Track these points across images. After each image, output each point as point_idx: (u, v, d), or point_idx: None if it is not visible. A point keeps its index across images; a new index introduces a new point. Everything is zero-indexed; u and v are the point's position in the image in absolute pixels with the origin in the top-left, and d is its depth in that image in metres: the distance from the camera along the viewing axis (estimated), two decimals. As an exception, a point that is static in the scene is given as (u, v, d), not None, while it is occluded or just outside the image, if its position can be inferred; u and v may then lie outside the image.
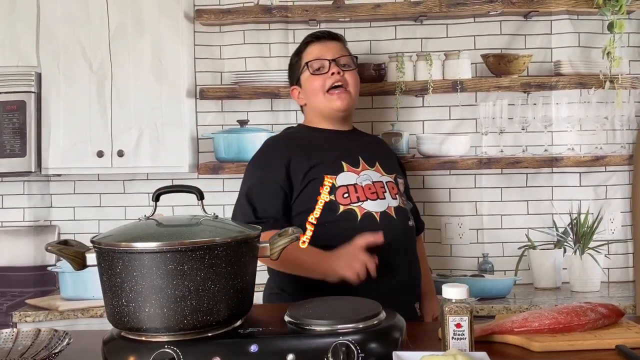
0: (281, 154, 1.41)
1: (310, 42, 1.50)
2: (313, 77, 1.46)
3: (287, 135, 1.53)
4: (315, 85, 1.45)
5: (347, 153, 1.42)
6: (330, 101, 1.45)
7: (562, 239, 1.73)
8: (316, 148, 1.42)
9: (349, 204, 1.35)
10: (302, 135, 1.49)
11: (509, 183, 1.74)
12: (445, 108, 1.75)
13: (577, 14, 1.71)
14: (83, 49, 1.75)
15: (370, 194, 1.37)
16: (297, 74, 1.51)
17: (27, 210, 1.76)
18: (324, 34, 1.51)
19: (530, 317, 1.07)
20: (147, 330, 0.90)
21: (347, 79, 1.46)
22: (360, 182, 1.38)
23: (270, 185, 1.38)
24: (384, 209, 1.37)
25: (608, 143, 1.72)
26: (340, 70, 1.45)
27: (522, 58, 1.72)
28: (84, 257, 0.94)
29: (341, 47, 1.51)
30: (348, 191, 1.36)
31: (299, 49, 1.53)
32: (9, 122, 1.75)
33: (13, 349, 1.05)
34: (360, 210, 1.35)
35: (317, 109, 1.49)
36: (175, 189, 1.04)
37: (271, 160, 1.41)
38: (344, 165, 1.40)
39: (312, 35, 1.51)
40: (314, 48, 1.48)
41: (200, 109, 1.76)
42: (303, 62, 1.49)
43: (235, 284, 0.92)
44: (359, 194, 1.36)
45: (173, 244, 0.88)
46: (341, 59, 1.47)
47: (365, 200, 1.36)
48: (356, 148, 1.45)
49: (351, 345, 0.88)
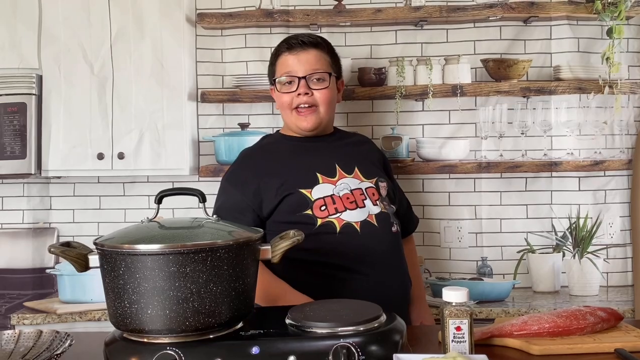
0: (252, 174, 1.37)
1: (283, 52, 1.41)
2: (282, 94, 1.40)
3: (260, 148, 1.48)
4: (283, 101, 1.40)
5: (322, 163, 1.37)
6: (297, 120, 1.40)
7: (561, 243, 1.74)
8: (289, 161, 1.38)
9: (327, 216, 1.30)
10: (277, 146, 1.46)
11: (508, 187, 1.75)
12: (445, 112, 1.76)
13: (577, 20, 1.72)
14: (84, 51, 1.76)
15: (349, 204, 1.32)
16: (271, 78, 1.46)
17: (26, 212, 1.76)
18: (297, 43, 1.40)
19: (530, 320, 1.08)
20: (149, 332, 0.90)
21: (316, 99, 1.38)
22: (337, 192, 1.34)
23: (239, 204, 1.34)
24: (364, 218, 1.33)
25: (607, 148, 1.73)
26: (308, 90, 1.37)
27: (522, 63, 1.73)
28: (86, 259, 0.94)
29: (317, 57, 1.40)
30: (325, 203, 1.32)
31: (274, 53, 1.46)
32: (9, 123, 1.75)
33: (15, 350, 1.04)
34: (339, 222, 1.31)
35: (286, 123, 1.47)
36: (177, 191, 1.04)
37: (241, 180, 1.38)
38: (319, 177, 1.35)
39: (287, 43, 1.41)
40: (286, 59, 1.40)
41: (202, 112, 1.76)
42: (277, 72, 1.42)
43: (237, 286, 0.92)
44: (337, 205, 1.32)
45: (175, 246, 0.88)
46: (313, 75, 1.38)
47: (344, 211, 1.31)
48: (333, 155, 1.40)
49: (352, 347, 0.88)
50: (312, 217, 1.31)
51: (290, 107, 1.40)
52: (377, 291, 1.27)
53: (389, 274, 1.35)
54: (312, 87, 1.38)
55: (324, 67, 1.41)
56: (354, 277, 1.30)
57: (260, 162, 1.40)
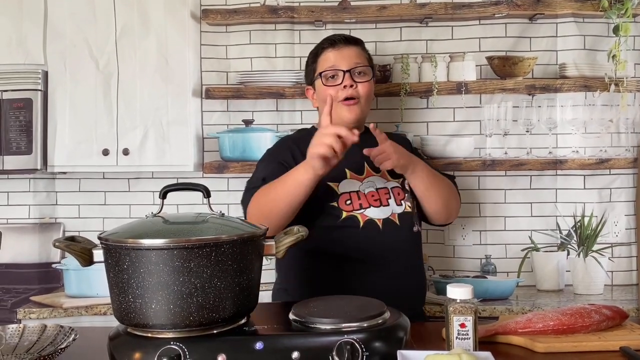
0: (288, 154, 1.41)
1: (326, 48, 1.45)
2: (326, 87, 1.43)
3: (295, 137, 1.53)
4: (327, 94, 1.40)
5: (351, 160, 1.38)
6: (341, 111, 1.42)
7: (565, 242, 1.73)
8: None
9: (352, 211, 1.34)
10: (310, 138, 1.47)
11: (512, 185, 1.74)
12: (450, 110, 1.75)
13: (583, 17, 1.71)
14: (90, 47, 1.76)
15: (374, 201, 1.36)
16: (312, 76, 1.49)
17: (32, 207, 1.77)
18: (340, 39, 1.46)
19: (535, 318, 1.07)
20: (153, 327, 0.90)
21: (359, 91, 1.42)
22: (363, 189, 1.38)
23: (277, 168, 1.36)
24: (387, 216, 1.36)
25: (613, 146, 1.73)
26: (353, 83, 1.41)
27: (527, 60, 1.73)
28: (91, 253, 0.95)
29: (358, 53, 1.46)
30: (350, 198, 1.36)
31: (315, 52, 1.49)
32: (15, 119, 1.76)
33: (19, 344, 1.05)
34: (362, 217, 1.34)
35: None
36: (182, 186, 1.04)
37: (280, 155, 1.42)
38: (347, 173, 1.39)
39: (328, 40, 1.47)
40: (329, 55, 1.44)
41: (206, 109, 1.76)
42: (318, 68, 1.46)
43: (241, 281, 0.93)
44: (362, 201, 1.36)
45: (180, 241, 0.88)
46: (356, 68, 1.43)
47: (368, 207, 1.35)
48: (362, 154, 1.40)
49: (356, 343, 0.88)
50: (337, 208, 1.34)
51: (334, 100, 1.41)
52: (393, 289, 1.28)
53: (407, 272, 1.37)
54: (356, 80, 1.42)
55: (364, 62, 1.46)
56: (372, 272, 1.32)
57: (294, 148, 1.42)
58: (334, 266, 1.33)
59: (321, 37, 1.73)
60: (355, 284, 1.31)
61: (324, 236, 1.30)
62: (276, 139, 1.75)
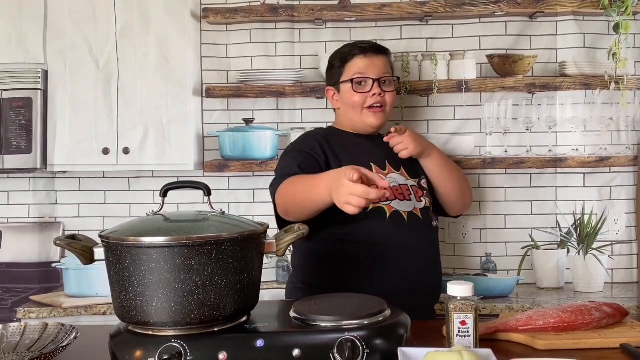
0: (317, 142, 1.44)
1: (357, 54, 1.48)
2: (354, 93, 1.47)
3: (319, 133, 1.55)
4: (356, 100, 1.47)
5: (374, 156, 1.46)
6: (367, 117, 1.47)
7: (565, 240, 1.73)
8: (345, 149, 1.46)
9: (378, 202, 1.38)
10: (334, 134, 1.52)
11: (513, 183, 1.74)
12: (450, 108, 1.75)
13: (583, 15, 1.71)
14: (90, 46, 1.76)
15: (398, 195, 1.40)
16: (337, 79, 1.51)
17: (32, 206, 1.77)
18: (372, 48, 1.50)
19: (535, 315, 1.07)
20: (154, 325, 0.90)
21: (386, 100, 1.48)
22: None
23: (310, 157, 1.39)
24: (410, 209, 1.41)
25: (613, 144, 1.73)
26: (382, 92, 1.46)
27: (527, 59, 1.73)
28: (92, 251, 0.95)
29: (386, 63, 1.50)
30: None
31: (344, 57, 1.50)
32: (15, 118, 1.76)
33: (20, 342, 1.05)
34: (389, 209, 1.38)
35: (351, 121, 1.51)
36: (183, 185, 1.04)
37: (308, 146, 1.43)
38: (373, 167, 1.43)
39: (359, 47, 1.50)
40: (360, 62, 1.47)
41: (206, 107, 1.76)
42: (346, 73, 1.48)
43: (242, 279, 0.93)
44: (388, 194, 1.38)
45: (181, 239, 0.88)
46: (385, 78, 1.48)
47: (394, 200, 1.39)
48: (382, 153, 1.48)
49: (356, 341, 0.88)
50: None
51: (361, 106, 1.47)
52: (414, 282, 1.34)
53: (426, 267, 1.42)
54: (383, 89, 1.47)
55: (391, 73, 1.52)
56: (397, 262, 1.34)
57: (321, 140, 1.46)
58: (358, 254, 1.35)
59: (321, 36, 1.75)
60: (375, 274, 1.33)
61: (351, 225, 1.32)
62: (277, 137, 1.76)
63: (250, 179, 1.76)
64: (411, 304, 1.07)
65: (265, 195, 1.74)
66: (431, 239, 1.46)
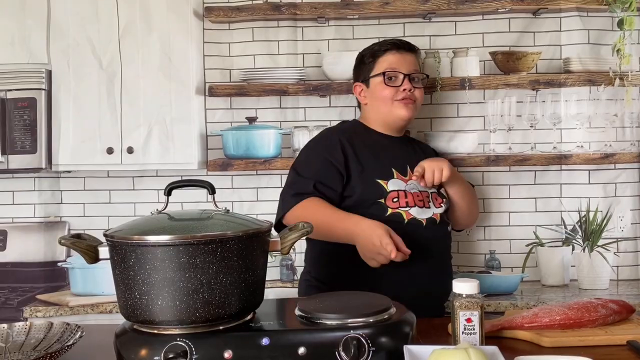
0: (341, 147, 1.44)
1: (389, 50, 1.51)
2: (385, 87, 1.49)
3: (344, 130, 1.55)
4: (386, 94, 1.49)
5: (397, 160, 1.47)
6: (397, 108, 1.49)
7: (570, 237, 1.73)
8: (368, 149, 1.47)
9: (397, 208, 1.40)
10: (358, 132, 1.53)
11: (517, 180, 1.74)
12: (454, 105, 1.75)
13: (587, 11, 1.71)
14: (93, 46, 1.77)
15: (418, 201, 1.42)
16: (367, 75, 1.53)
17: (37, 206, 1.78)
18: (404, 45, 1.53)
19: (541, 312, 1.07)
20: (159, 323, 0.90)
21: (416, 95, 1.50)
22: (409, 189, 1.43)
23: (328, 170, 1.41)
24: (429, 216, 1.43)
25: (617, 140, 1.72)
26: (412, 87, 1.49)
27: (531, 55, 1.72)
28: (96, 250, 0.95)
29: (416, 60, 1.54)
30: (398, 196, 1.41)
31: (375, 52, 1.53)
32: (19, 118, 1.76)
33: (26, 342, 1.06)
34: (407, 215, 1.40)
35: (380, 114, 1.53)
36: (187, 183, 1.04)
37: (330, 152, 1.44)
38: (394, 172, 1.44)
39: (392, 43, 1.53)
40: (392, 57, 1.50)
41: (209, 106, 1.76)
42: (377, 67, 1.51)
43: (247, 277, 0.93)
44: (408, 200, 1.41)
45: (185, 238, 0.88)
46: (415, 74, 1.51)
47: (414, 207, 1.41)
48: (405, 157, 1.49)
49: (362, 339, 0.88)
50: (384, 206, 1.40)
51: (391, 99, 1.49)
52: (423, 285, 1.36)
53: (443, 268, 1.45)
54: (413, 85, 1.50)
55: (420, 70, 1.56)
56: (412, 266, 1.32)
57: (344, 143, 1.46)
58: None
59: (324, 34, 1.75)
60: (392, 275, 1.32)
61: None
62: (280, 136, 1.75)
63: (254, 177, 1.76)
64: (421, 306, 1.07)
65: (269, 194, 1.75)
66: (447, 243, 1.49)
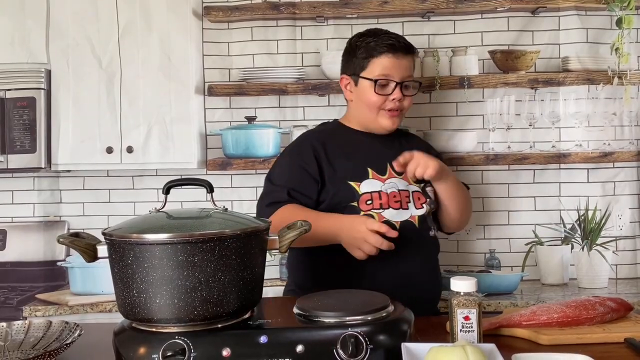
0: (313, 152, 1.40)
1: (385, 52, 1.40)
2: (374, 93, 1.40)
3: (319, 133, 1.50)
4: (374, 101, 1.41)
5: (375, 159, 1.40)
6: (382, 118, 1.43)
7: (569, 235, 1.73)
8: (344, 152, 1.42)
9: (370, 210, 1.34)
10: (335, 134, 1.48)
11: (516, 179, 1.74)
12: (453, 104, 1.75)
13: (585, 10, 1.71)
14: (92, 46, 1.77)
15: (394, 203, 1.36)
16: (357, 71, 1.43)
17: (37, 205, 1.78)
18: (401, 47, 1.41)
19: (539, 310, 1.08)
20: (157, 321, 0.90)
21: (404, 105, 1.43)
22: (385, 189, 1.37)
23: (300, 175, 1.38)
24: (405, 218, 1.36)
25: (616, 139, 1.72)
26: (402, 97, 1.41)
27: (530, 54, 1.72)
28: (95, 249, 0.95)
29: (411, 64, 1.45)
30: (372, 198, 1.35)
31: (370, 50, 1.41)
32: (19, 118, 1.77)
33: (25, 340, 1.06)
34: (379, 218, 1.33)
35: (363, 117, 1.46)
36: (185, 182, 1.04)
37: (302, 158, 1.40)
38: (370, 172, 1.39)
39: (389, 45, 1.40)
40: (387, 61, 1.40)
41: (209, 106, 1.77)
42: (370, 69, 1.41)
43: (245, 275, 0.93)
44: (383, 201, 1.35)
45: (184, 236, 0.88)
46: (408, 82, 1.43)
47: (387, 209, 1.35)
48: (386, 154, 1.41)
49: (360, 337, 0.88)
50: (357, 208, 1.35)
51: (378, 108, 1.42)
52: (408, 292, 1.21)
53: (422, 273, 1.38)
54: (404, 93, 1.42)
55: (413, 75, 1.47)
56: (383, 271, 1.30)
57: (317, 147, 1.42)
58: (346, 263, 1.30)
59: (323, 33, 1.75)
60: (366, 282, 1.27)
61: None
62: (279, 135, 1.76)
63: (253, 176, 1.76)
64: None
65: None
66: (426, 247, 1.40)
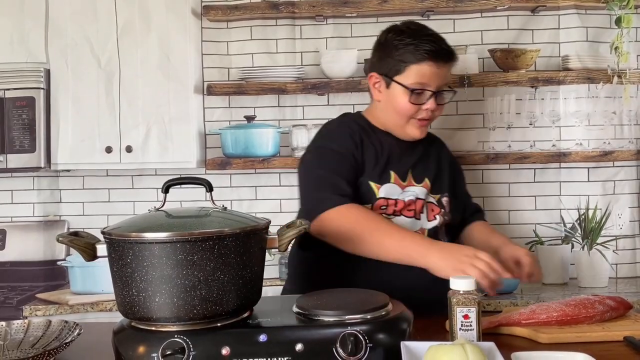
0: (354, 141, 1.34)
1: (426, 59, 1.31)
2: (407, 102, 1.33)
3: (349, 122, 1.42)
4: (406, 109, 1.34)
5: (398, 164, 1.36)
6: (412, 127, 1.37)
7: (570, 235, 1.73)
8: (371, 149, 1.36)
9: (382, 213, 1.31)
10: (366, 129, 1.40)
11: (516, 178, 1.74)
12: (453, 103, 1.73)
13: (585, 9, 1.71)
14: (91, 45, 1.77)
15: (407, 211, 1.33)
16: (391, 73, 1.35)
17: (36, 205, 1.78)
18: (444, 55, 1.33)
19: (538, 309, 1.07)
20: (157, 320, 0.90)
21: (435, 115, 1.38)
22: (402, 197, 1.34)
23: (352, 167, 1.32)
24: (415, 230, 1.33)
25: (616, 138, 1.72)
26: (435, 107, 1.35)
27: (530, 53, 1.72)
28: (94, 248, 0.95)
29: (449, 72, 1.38)
30: (387, 204, 1.32)
31: (411, 54, 1.32)
32: (18, 118, 1.77)
33: (24, 339, 1.06)
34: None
35: (390, 122, 1.39)
36: (184, 181, 1.04)
37: (348, 146, 1.34)
38: (392, 176, 1.35)
39: (431, 52, 1.31)
40: (426, 69, 1.31)
41: (208, 105, 1.77)
42: (407, 74, 1.32)
43: (244, 274, 0.93)
44: (397, 208, 1.32)
45: (183, 234, 0.88)
46: (443, 91, 1.37)
47: (399, 216, 1.32)
48: (408, 161, 1.38)
49: (359, 335, 0.88)
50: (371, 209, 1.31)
51: (409, 117, 1.35)
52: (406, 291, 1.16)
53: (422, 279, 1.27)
54: (438, 102, 1.36)
55: (449, 84, 1.42)
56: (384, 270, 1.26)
57: (358, 140, 1.36)
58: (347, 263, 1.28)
59: (322, 32, 1.75)
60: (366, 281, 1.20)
61: None
62: (278, 135, 1.76)
63: (252, 176, 1.76)
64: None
65: (268, 192, 1.75)
66: None
